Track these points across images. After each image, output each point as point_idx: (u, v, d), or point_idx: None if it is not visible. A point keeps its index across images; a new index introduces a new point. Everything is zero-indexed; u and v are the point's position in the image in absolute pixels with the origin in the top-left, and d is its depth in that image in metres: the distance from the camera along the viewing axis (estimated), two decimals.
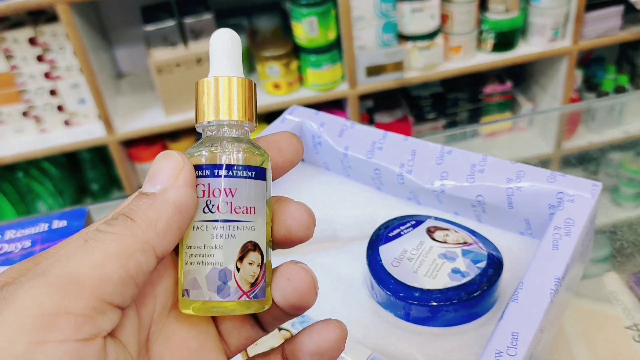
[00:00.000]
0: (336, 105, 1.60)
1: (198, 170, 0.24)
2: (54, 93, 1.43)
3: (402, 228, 0.46)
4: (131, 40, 1.61)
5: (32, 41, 1.37)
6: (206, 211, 0.24)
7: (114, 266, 0.21)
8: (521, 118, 1.36)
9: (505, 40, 1.50)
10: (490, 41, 1.51)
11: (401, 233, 0.46)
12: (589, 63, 1.71)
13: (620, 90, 1.64)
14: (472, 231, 0.47)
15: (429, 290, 0.42)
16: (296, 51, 1.47)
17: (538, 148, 0.92)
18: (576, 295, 0.50)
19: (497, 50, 1.51)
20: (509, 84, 1.66)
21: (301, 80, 1.51)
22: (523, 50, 1.53)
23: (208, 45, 0.30)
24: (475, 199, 0.49)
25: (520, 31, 1.52)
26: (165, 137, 1.56)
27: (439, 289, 0.42)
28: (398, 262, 0.44)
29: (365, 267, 0.46)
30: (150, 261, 0.22)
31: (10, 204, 1.48)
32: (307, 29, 1.39)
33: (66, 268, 0.21)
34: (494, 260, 0.43)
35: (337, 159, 0.56)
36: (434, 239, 0.45)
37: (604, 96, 1.62)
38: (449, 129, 1.65)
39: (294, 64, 1.47)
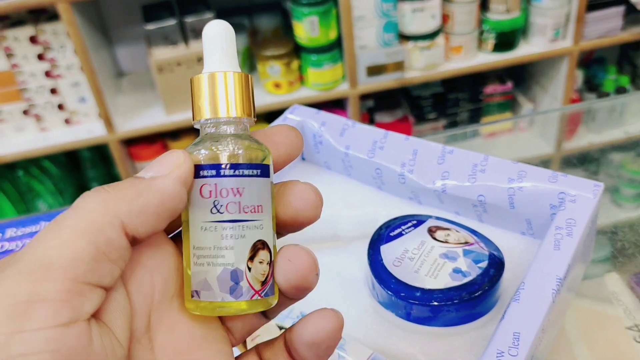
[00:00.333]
0: (337, 105, 1.60)
1: (203, 170, 0.24)
2: (54, 92, 1.43)
3: (404, 228, 0.46)
4: (132, 39, 1.61)
5: (33, 40, 1.37)
6: (214, 212, 0.24)
7: (83, 243, 0.20)
8: (522, 118, 1.36)
9: (506, 40, 1.50)
10: (491, 41, 1.51)
11: (402, 233, 0.46)
12: (590, 63, 1.71)
13: (621, 91, 1.63)
14: (474, 231, 0.47)
15: (430, 290, 0.42)
16: (297, 50, 1.47)
17: (538, 148, 0.93)
18: (577, 296, 0.50)
19: (498, 50, 1.51)
20: (510, 84, 1.65)
21: (302, 79, 1.50)
22: (524, 51, 1.53)
23: None
24: (476, 199, 0.49)
25: (521, 31, 1.52)
26: (166, 136, 1.56)
27: (440, 289, 0.42)
28: (399, 262, 0.44)
29: (367, 267, 0.46)
30: (120, 237, 0.21)
31: (11, 202, 1.48)
32: (308, 28, 1.39)
33: (36, 253, 0.20)
34: (496, 260, 0.43)
35: (338, 159, 0.56)
36: (435, 239, 0.45)
37: (604, 97, 1.62)
38: (449, 129, 1.64)
39: (295, 64, 1.46)
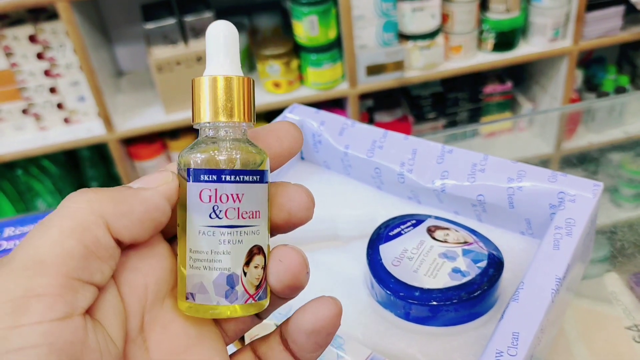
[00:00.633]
0: (336, 104, 1.60)
1: (203, 174, 0.24)
2: (53, 91, 1.43)
3: (403, 227, 0.46)
4: (131, 38, 1.61)
5: (32, 39, 1.36)
6: (213, 217, 0.24)
7: (72, 241, 0.21)
8: (521, 118, 1.36)
9: (505, 40, 1.50)
10: (490, 41, 1.50)
11: (401, 232, 0.46)
12: (590, 63, 1.71)
13: (620, 91, 1.63)
14: (473, 231, 0.47)
15: (429, 289, 0.42)
16: (296, 50, 1.47)
17: (538, 148, 0.92)
18: (576, 296, 0.50)
19: (498, 50, 1.51)
20: (509, 83, 1.65)
21: (301, 79, 1.50)
22: (523, 50, 1.53)
23: None
24: (476, 199, 0.49)
25: (520, 31, 1.52)
26: (165, 136, 1.56)
27: (439, 289, 0.42)
28: (398, 262, 0.44)
29: (366, 267, 0.45)
30: (107, 236, 0.22)
31: (10, 202, 1.48)
32: (308, 27, 1.39)
33: (27, 251, 0.21)
34: (495, 260, 0.43)
35: (338, 158, 0.56)
36: (434, 238, 0.45)
37: (604, 96, 1.62)
38: (449, 128, 1.64)
39: (295, 63, 1.46)
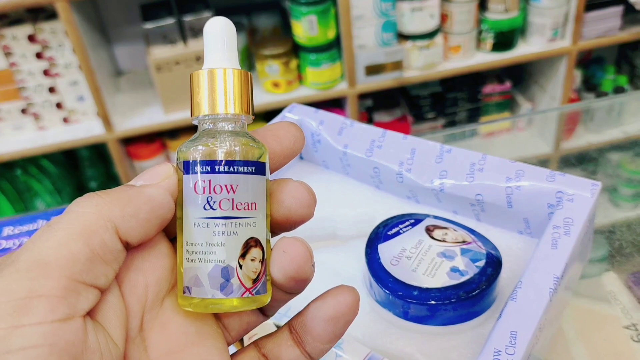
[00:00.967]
0: (335, 104, 1.60)
1: (198, 166, 0.24)
2: (52, 90, 1.43)
3: (401, 226, 0.46)
4: (130, 38, 1.61)
5: (31, 38, 1.36)
6: (207, 208, 0.24)
7: (79, 244, 0.21)
8: (520, 118, 1.36)
9: (504, 40, 1.50)
10: (489, 41, 1.51)
11: (400, 231, 0.46)
12: (588, 63, 1.71)
13: (619, 91, 1.64)
14: (471, 230, 0.47)
15: (427, 288, 0.42)
16: (296, 50, 1.47)
17: (537, 148, 0.92)
18: (575, 295, 0.50)
19: (497, 50, 1.51)
20: (508, 83, 1.66)
21: (300, 79, 1.50)
22: (522, 50, 1.53)
23: None
24: (474, 198, 0.49)
25: (519, 31, 1.52)
26: (164, 135, 1.56)
27: (438, 288, 0.42)
28: (397, 261, 0.44)
29: (364, 266, 0.46)
30: (114, 240, 0.22)
31: (9, 201, 1.48)
32: (307, 27, 1.39)
33: (32, 252, 0.21)
34: (493, 259, 0.43)
35: (337, 157, 0.56)
36: (433, 238, 0.45)
37: (603, 96, 1.62)
38: (447, 128, 1.65)
39: (294, 63, 1.46)
